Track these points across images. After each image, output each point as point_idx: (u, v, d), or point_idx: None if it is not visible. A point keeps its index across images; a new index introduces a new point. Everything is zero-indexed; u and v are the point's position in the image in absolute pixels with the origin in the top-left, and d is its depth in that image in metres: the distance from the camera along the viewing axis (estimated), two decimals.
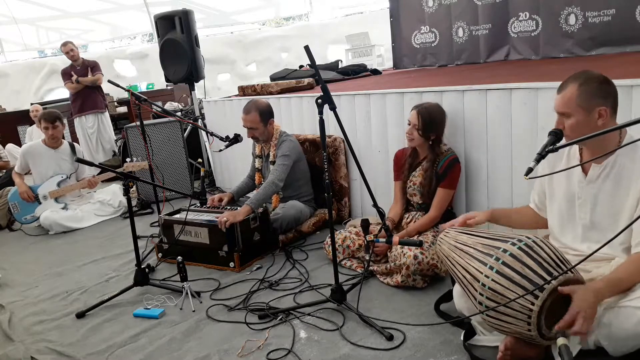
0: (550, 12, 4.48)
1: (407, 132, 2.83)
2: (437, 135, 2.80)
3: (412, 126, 2.80)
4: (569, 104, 1.78)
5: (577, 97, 1.76)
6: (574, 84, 1.78)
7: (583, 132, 1.73)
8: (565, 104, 1.79)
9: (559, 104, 1.82)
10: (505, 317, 1.68)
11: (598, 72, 1.81)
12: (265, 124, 3.44)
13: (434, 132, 2.78)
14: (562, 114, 1.81)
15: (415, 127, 2.78)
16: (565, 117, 1.80)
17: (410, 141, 2.84)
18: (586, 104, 1.76)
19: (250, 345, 2.21)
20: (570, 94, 1.78)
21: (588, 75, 1.80)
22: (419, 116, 2.77)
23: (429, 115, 2.77)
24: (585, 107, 1.76)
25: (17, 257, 3.93)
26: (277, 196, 3.53)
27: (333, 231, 2.43)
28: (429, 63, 5.81)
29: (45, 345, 2.44)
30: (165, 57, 5.33)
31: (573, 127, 1.78)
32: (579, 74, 1.81)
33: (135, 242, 2.84)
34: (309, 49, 2.20)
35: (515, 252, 1.68)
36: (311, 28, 10.73)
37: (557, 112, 1.83)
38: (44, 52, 11.60)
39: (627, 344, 1.65)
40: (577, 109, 1.77)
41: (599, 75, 1.79)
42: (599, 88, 1.77)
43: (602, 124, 1.77)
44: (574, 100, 1.77)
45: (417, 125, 2.77)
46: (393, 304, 2.43)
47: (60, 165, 4.62)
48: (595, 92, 1.76)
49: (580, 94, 1.76)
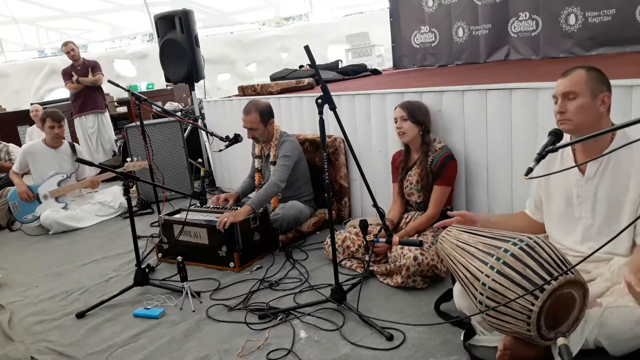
0: (550, 12, 4.48)
1: (397, 126, 2.87)
2: (426, 125, 2.85)
3: (400, 119, 2.85)
4: (579, 84, 1.80)
5: (587, 79, 1.80)
6: (581, 69, 1.83)
7: (586, 116, 1.78)
8: (575, 83, 1.80)
9: (566, 84, 1.82)
10: (505, 317, 1.68)
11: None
12: (265, 125, 3.44)
13: (422, 120, 2.83)
14: (567, 95, 1.81)
15: (403, 118, 2.83)
16: (569, 99, 1.81)
17: (402, 136, 2.86)
18: (594, 87, 1.79)
19: (250, 345, 2.21)
20: (580, 75, 1.81)
21: (591, 65, 1.86)
22: (402, 108, 2.86)
23: (411, 104, 2.88)
24: (592, 89, 1.79)
25: (17, 257, 3.93)
26: (276, 197, 3.52)
27: (333, 231, 2.43)
28: (429, 63, 5.81)
29: (45, 345, 2.44)
30: (165, 57, 5.33)
31: (579, 109, 1.79)
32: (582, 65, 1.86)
33: (135, 242, 2.84)
34: (309, 49, 2.20)
35: (516, 252, 1.68)
36: (311, 28, 10.73)
37: (561, 94, 1.83)
38: (44, 52, 11.60)
39: (627, 344, 1.65)
40: (585, 90, 1.79)
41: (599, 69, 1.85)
42: (603, 77, 1.83)
43: (603, 111, 1.80)
44: (584, 81, 1.80)
45: (405, 116, 2.83)
46: (393, 304, 2.43)
47: (61, 165, 4.62)
48: (600, 79, 1.81)
49: (590, 77, 1.80)
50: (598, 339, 1.70)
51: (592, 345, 1.73)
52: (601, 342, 1.70)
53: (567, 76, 1.84)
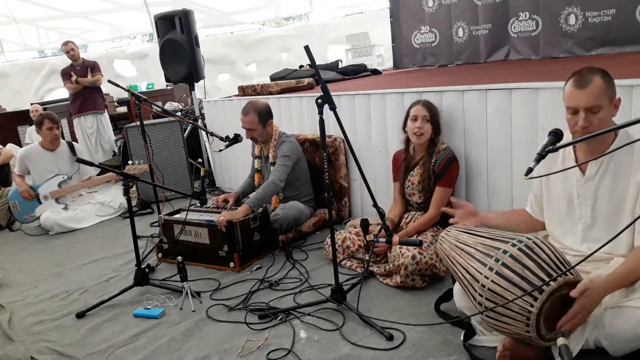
0: (550, 12, 4.48)
1: (418, 126, 2.77)
2: (440, 127, 2.84)
3: (422, 118, 2.77)
4: (600, 96, 1.73)
5: (606, 88, 1.74)
6: (597, 76, 1.74)
7: (606, 125, 1.72)
8: (596, 97, 1.72)
9: (589, 98, 1.72)
10: (505, 318, 1.68)
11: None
12: (264, 125, 3.43)
13: (439, 122, 2.82)
14: (591, 109, 1.73)
15: (426, 119, 2.77)
16: (592, 112, 1.73)
17: (420, 136, 2.79)
18: (610, 94, 1.76)
19: (250, 345, 2.21)
20: (599, 86, 1.73)
21: (600, 68, 1.78)
22: (425, 108, 2.79)
23: (432, 104, 2.84)
24: (610, 97, 1.75)
25: (17, 257, 3.93)
26: (277, 197, 3.52)
27: (333, 231, 2.43)
28: (429, 63, 5.81)
29: (45, 345, 2.44)
30: (165, 57, 5.33)
31: (603, 121, 1.73)
32: (591, 69, 1.78)
33: (135, 242, 2.84)
34: (309, 49, 2.20)
35: (515, 253, 1.68)
36: (311, 28, 10.72)
37: (584, 109, 1.74)
38: (44, 52, 11.60)
39: (628, 344, 1.65)
40: (606, 100, 1.74)
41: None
42: (612, 80, 1.78)
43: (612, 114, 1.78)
44: (604, 92, 1.73)
45: (428, 117, 2.77)
46: (393, 304, 2.43)
47: (59, 167, 4.62)
48: (612, 83, 1.77)
49: (607, 85, 1.74)
50: (599, 338, 1.70)
51: (592, 346, 1.73)
52: (601, 343, 1.70)
53: (586, 88, 1.72)
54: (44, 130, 4.54)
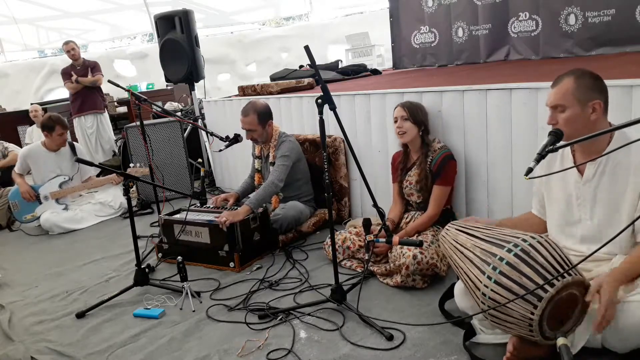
0: (550, 12, 4.48)
1: (397, 126, 2.84)
2: (425, 125, 2.85)
3: (400, 118, 2.84)
4: (566, 96, 1.78)
5: (575, 89, 1.77)
6: (569, 77, 1.79)
7: (577, 126, 1.76)
8: (561, 96, 1.79)
9: (554, 97, 1.82)
10: (508, 323, 1.69)
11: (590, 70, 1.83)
12: (263, 126, 3.43)
13: (422, 120, 2.83)
14: (556, 107, 1.81)
15: (404, 118, 2.82)
16: (559, 111, 1.80)
17: (403, 135, 2.84)
18: (582, 96, 1.77)
19: (250, 345, 2.21)
20: (567, 86, 1.79)
21: (583, 70, 1.82)
22: (403, 108, 2.85)
23: (411, 104, 2.88)
24: (581, 99, 1.77)
25: (17, 257, 3.93)
26: (277, 197, 3.53)
27: (333, 231, 2.43)
28: (429, 63, 5.81)
29: (45, 345, 2.44)
30: (165, 57, 5.33)
31: (568, 121, 1.78)
32: (573, 70, 1.83)
33: (135, 242, 2.84)
34: (309, 49, 2.20)
35: (511, 260, 1.67)
36: (311, 28, 10.72)
37: (551, 106, 1.83)
38: (44, 52, 11.59)
39: (633, 340, 1.64)
40: (573, 102, 1.77)
41: (593, 72, 1.82)
42: (594, 83, 1.79)
43: (595, 118, 1.78)
44: (571, 92, 1.77)
45: (405, 115, 2.82)
46: (393, 304, 2.43)
47: (61, 167, 4.62)
48: (590, 86, 1.78)
49: (577, 87, 1.77)
50: (604, 335, 1.69)
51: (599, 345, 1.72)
52: (607, 339, 1.70)
53: (556, 86, 1.82)
54: (55, 135, 4.50)
